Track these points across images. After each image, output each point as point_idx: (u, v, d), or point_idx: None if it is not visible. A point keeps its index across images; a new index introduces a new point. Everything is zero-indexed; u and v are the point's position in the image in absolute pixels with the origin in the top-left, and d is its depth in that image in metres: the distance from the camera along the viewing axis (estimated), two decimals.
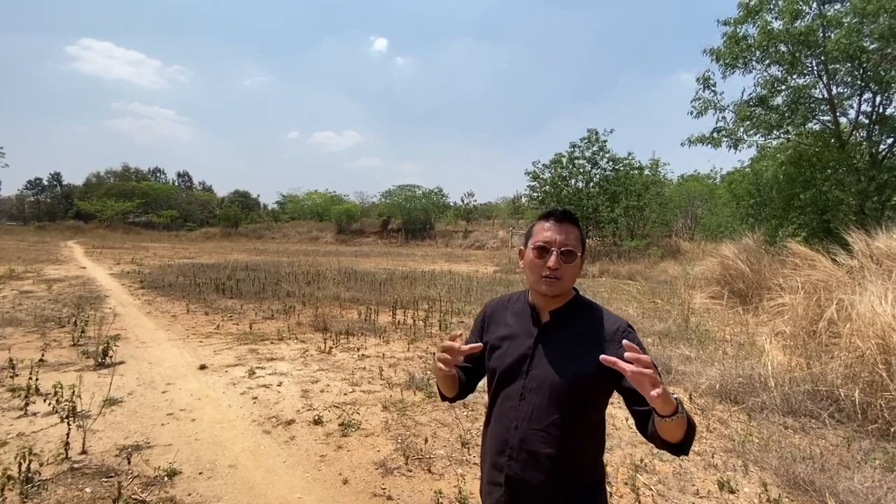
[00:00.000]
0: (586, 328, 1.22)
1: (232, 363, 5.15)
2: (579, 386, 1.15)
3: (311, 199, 49.94)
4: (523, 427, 1.19)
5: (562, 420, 1.16)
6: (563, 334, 1.22)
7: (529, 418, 1.19)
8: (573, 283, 1.26)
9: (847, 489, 2.70)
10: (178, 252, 22.86)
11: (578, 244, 1.24)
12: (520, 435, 1.19)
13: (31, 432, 3.31)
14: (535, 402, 1.19)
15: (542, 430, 1.17)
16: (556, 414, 1.16)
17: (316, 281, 11.85)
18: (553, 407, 1.16)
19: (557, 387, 1.16)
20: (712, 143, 11.49)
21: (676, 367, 5.00)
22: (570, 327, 1.23)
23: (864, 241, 6.59)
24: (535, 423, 1.18)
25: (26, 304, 7.99)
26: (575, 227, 1.25)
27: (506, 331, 1.31)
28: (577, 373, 1.16)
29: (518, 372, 1.23)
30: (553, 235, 1.22)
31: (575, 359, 1.17)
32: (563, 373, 1.17)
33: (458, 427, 3.64)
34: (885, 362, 3.76)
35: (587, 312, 1.25)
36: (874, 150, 10.18)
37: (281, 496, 2.69)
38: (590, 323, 1.22)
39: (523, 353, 1.24)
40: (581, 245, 1.25)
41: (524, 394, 1.21)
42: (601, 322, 1.22)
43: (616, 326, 1.20)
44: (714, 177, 30.84)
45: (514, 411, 1.22)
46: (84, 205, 44.88)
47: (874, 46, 9.31)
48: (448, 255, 27.36)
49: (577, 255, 1.23)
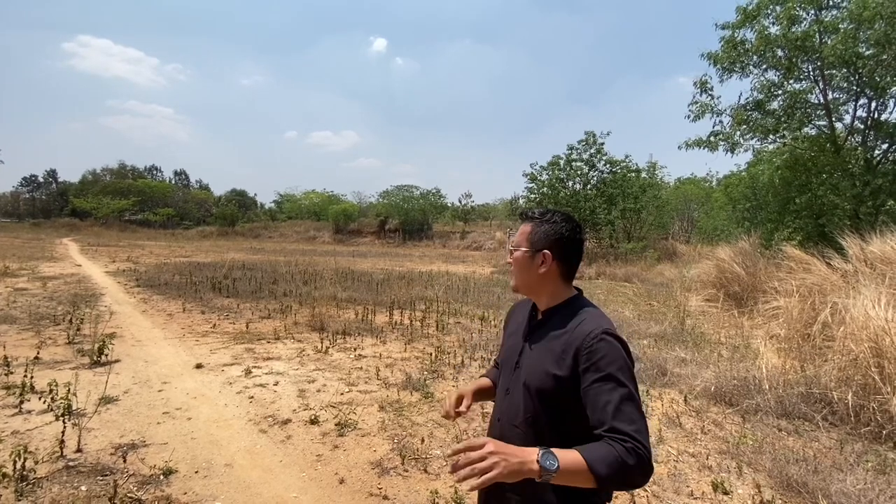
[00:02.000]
0: (567, 331, 1.18)
1: (228, 362, 5.14)
2: (552, 388, 1.14)
3: (308, 199, 49.82)
4: (504, 421, 1.25)
5: (534, 418, 1.17)
6: (546, 334, 1.22)
7: (509, 413, 1.23)
8: (528, 278, 1.26)
9: (840, 491, 2.72)
10: (174, 251, 22.76)
11: (524, 240, 1.25)
12: (500, 428, 1.25)
13: (26, 430, 3.30)
14: (515, 398, 1.23)
15: (517, 426, 1.20)
16: (530, 412, 1.17)
17: (313, 281, 11.83)
18: (528, 404, 1.18)
19: (530, 386, 1.18)
20: (709, 147, 11.54)
21: (672, 369, 5.02)
22: (554, 328, 1.22)
23: (858, 246, 6.64)
24: (513, 418, 1.22)
25: (21, 302, 7.94)
26: (528, 223, 1.27)
27: (513, 328, 1.39)
28: (548, 374, 1.15)
29: (510, 367, 1.29)
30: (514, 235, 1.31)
31: (548, 361, 1.16)
32: (536, 372, 1.18)
33: (454, 427, 3.64)
34: (877, 366, 3.79)
35: (574, 314, 1.21)
36: (869, 156, 10.26)
37: (277, 495, 2.69)
38: (573, 325, 1.18)
39: (516, 347, 1.30)
40: (528, 240, 1.25)
41: (509, 389, 1.26)
42: (577, 326, 1.17)
43: (588, 331, 1.12)
44: (710, 180, 31.07)
45: (500, 404, 1.30)
46: (80, 202, 44.63)
47: (870, 52, 9.38)
48: (445, 255, 27.36)
49: (521, 249, 1.25)
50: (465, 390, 1.46)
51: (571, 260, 1.25)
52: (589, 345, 1.09)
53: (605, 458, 0.96)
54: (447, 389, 4.49)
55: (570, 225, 1.25)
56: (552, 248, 1.23)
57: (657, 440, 3.49)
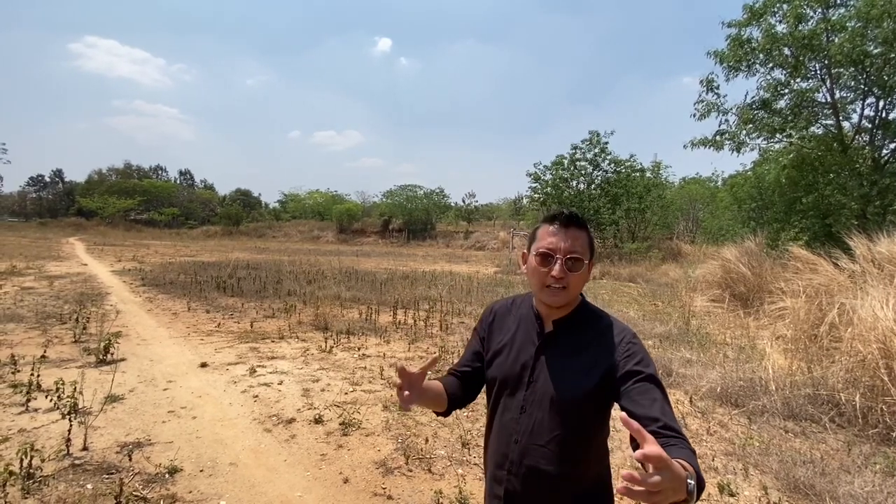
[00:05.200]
0: (591, 339, 1.14)
1: (233, 361, 5.16)
2: (582, 402, 1.09)
3: (312, 199, 49.96)
4: (524, 441, 1.14)
5: (564, 436, 1.10)
6: (566, 346, 1.15)
7: (531, 433, 1.13)
8: (580, 292, 1.18)
9: (847, 493, 2.70)
10: (179, 250, 22.88)
11: (586, 250, 1.14)
12: (520, 450, 1.14)
13: (32, 428, 3.32)
14: (537, 416, 1.13)
15: (543, 445, 1.11)
16: (558, 430, 1.10)
17: (317, 280, 11.86)
18: (555, 422, 1.10)
19: (560, 402, 1.10)
20: (714, 146, 11.49)
21: (677, 370, 5.00)
22: (574, 338, 1.15)
23: (865, 246, 6.58)
24: (537, 438, 1.12)
25: (28, 301, 8.00)
26: (583, 231, 1.15)
27: (508, 337, 1.25)
28: (581, 388, 1.09)
29: (519, 382, 1.18)
30: (558, 242, 1.12)
31: (578, 373, 1.11)
32: (566, 387, 1.10)
33: (458, 427, 3.64)
34: (886, 367, 3.75)
35: (592, 321, 1.17)
36: (877, 155, 10.19)
37: (282, 494, 2.69)
38: (595, 333, 1.14)
39: (524, 362, 1.18)
40: (589, 251, 1.16)
41: (525, 406, 1.15)
42: (605, 333, 1.13)
43: (621, 337, 1.11)
44: (716, 180, 30.86)
45: (514, 424, 1.16)
46: (86, 202, 44.98)
47: (878, 51, 9.31)
48: (449, 255, 27.36)
49: (584, 262, 1.13)
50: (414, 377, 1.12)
51: None
52: (626, 348, 1.09)
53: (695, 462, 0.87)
54: None
55: None
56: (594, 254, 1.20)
57: None
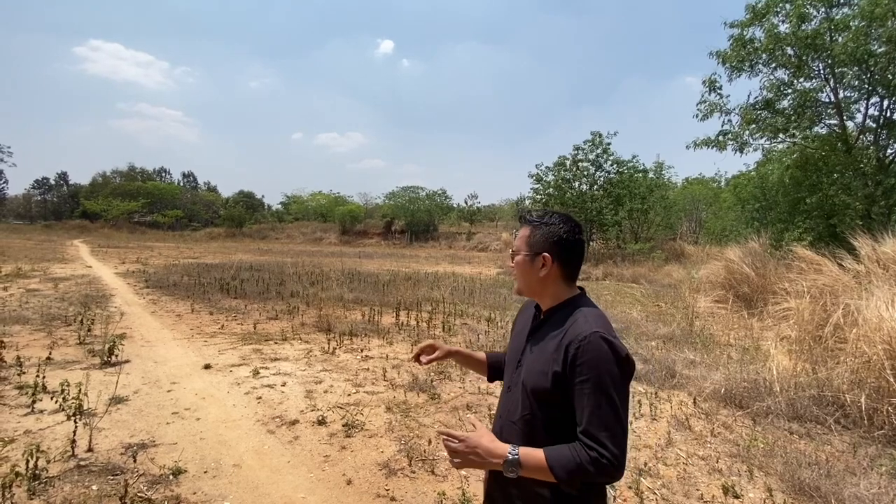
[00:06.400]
0: (560, 330, 1.19)
1: (236, 363, 5.17)
2: (541, 387, 1.16)
3: (315, 200, 50.09)
4: (504, 417, 1.28)
5: (531, 417, 1.18)
6: (545, 334, 1.23)
7: (509, 411, 1.26)
8: (529, 281, 1.27)
9: (853, 495, 2.68)
10: (182, 252, 22.97)
11: (523, 243, 1.27)
12: (500, 424, 1.28)
13: (38, 430, 3.34)
14: (515, 395, 1.25)
15: (514, 422, 1.22)
16: (528, 410, 1.19)
17: (320, 282, 11.88)
18: (526, 403, 1.20)
19: (527, 384, 1.20)
20: (718, 147, 11.46)
21: (680, 371, 4.98)
22: (552, 328, 1.22)
23: (870, 246, 6.55)
24: (511, 415, 1.24)
25: (33, 303, 8.05)
26: (526, 227, 1.28)
27: (519, 327, 1.41)
28: (541, 373, 1.16)
29: (513, 366, 1.32)
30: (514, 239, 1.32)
31: (543, 360, 1.18)
32: (533, 371, 1.20)
33: (461, 429, 3.63)
34: (892, 368, 3.73)
35: (570, 314, 1.21)
36: (881, 155, 10.14)
37: (285, 496, 2.70)
38: (564, 325, 1.19)
39: (519, 346, 1.32)
40: (528, 244, 1.26)
41: (511, 387, 1.30)
42: (570, 326, 1.16)
43: (578, 333, 1.12)
44: (719, 180, 30.75)
45: (502, 402, 1.33)
46: (90, 204, 45.19)
47: (882, 50, 9.27)
48: (451, 256, 27.36)
49: (522, 254, 1.27)
50: (441, 346, 1.58)
51: (572, 261, 1.25)
52: (577, 346, 1.09)
53: (567, 463, 1.03)
54: (453, 391, 4.49)
55: (569, 226, 1.24)
56: (551, 250, 1.23)
57: (666, 443, 3.47)
